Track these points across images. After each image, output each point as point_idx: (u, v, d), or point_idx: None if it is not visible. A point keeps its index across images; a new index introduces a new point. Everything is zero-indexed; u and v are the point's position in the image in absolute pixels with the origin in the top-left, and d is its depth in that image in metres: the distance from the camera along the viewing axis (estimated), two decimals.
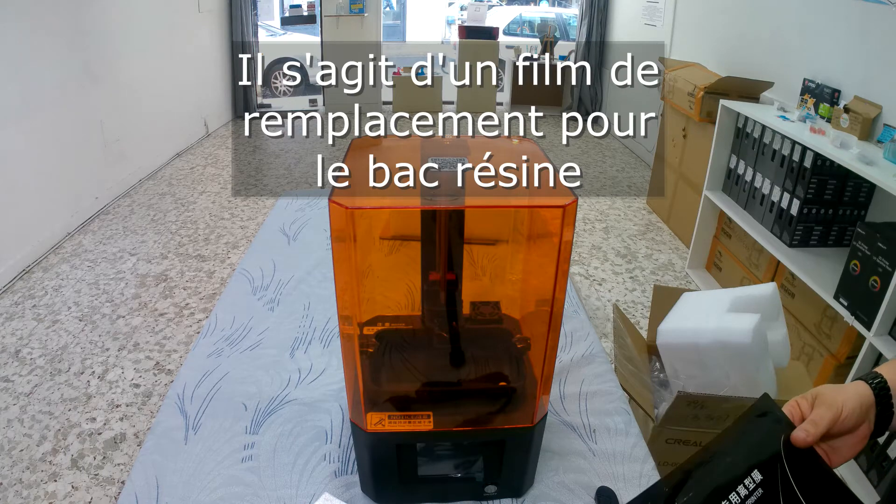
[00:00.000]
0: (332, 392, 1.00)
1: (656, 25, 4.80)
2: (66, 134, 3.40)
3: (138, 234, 3.42)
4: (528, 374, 0.78)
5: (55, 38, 3.27)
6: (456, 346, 0.80)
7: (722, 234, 2.97)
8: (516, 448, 0.77)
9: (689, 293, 1.56)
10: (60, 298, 2.72)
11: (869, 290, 1.77)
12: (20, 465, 1.81)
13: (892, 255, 1.70)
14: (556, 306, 0.68)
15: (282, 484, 0.82)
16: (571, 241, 0.64)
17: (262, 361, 1.08)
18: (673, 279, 3.13)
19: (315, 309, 1.25)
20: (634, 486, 0.87)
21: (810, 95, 2.56)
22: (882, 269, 1.73)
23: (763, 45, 3.19)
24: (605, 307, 2.81)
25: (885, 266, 1.71)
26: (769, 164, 2.47)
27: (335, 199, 0.60)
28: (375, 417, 0.72)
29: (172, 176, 4.47)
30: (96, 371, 2.24)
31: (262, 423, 0.93)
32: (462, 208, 0.70)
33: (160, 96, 4.61)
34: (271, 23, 9.42)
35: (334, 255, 0.65)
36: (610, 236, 3.62)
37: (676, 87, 3.48)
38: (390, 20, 12.29)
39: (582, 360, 1.12)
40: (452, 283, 0.78)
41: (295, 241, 1.56)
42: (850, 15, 2.42)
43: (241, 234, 3.49)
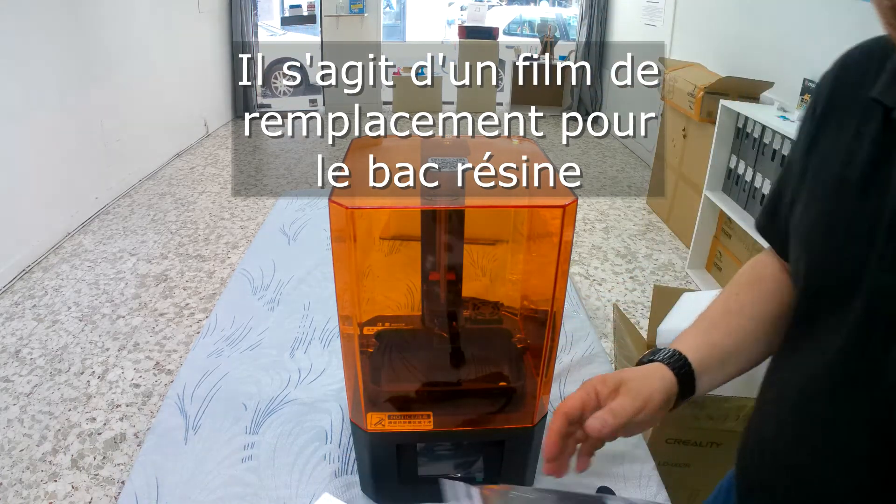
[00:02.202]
0: (332, 392, 1.00)
1: (656, 25, 4.80)
2: (66, 134, 3.40)
3: (138, 234, 3.42)
4: (528, 374, 0.78)
5: (55, 38, 3.27)
6: (456, 346, 0.80)
7: (722, 234, 2.97)
8: (516, 448, 0.77)
9: (689, 293, 1.55)
10: (60, 298, 2.72)
11: None
12: (20, 465, 1.81)
13: None
14: (556, 306, 0.68)
15: (282, 484, 0.82)
16: (571, 241, 0.64)
17: (262, 361, 1.08)
18: (673, 279, 3.13)
19: (315, 309, 1.25)
20: (634, 486, 0.87)
21: (810, 95, 2.56)
22: None
23: (763, 45, 3.19)
24: (605, 307, 2.81)
25: None
26: (769, 164, 2.47)
27: (335, 199, 0.60)
28: (375, 417, 0.72)
29: (172, 176, 4.47)
30: (96, 371, 2.24)
31: (262, 423, 0.93)
32: (462, 208, 0.70)
33: (160, 96, 4.61)
34: (271, 23, 9.42)
35: (334, 255, 0.65)
36: (610, 236, 3.62)
37: (676, 87, 3.48)
38: (390, 20, 12.29)
39: (582, 360, 1.12)
40: (452, 283, 0.78)
41: (295, 241, 1.56)
42: (850, 15, 2.42)
43: (241, 234, 3.49)
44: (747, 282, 0.74)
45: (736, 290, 0.73)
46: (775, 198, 0.70)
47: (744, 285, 0.74)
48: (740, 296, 0.72)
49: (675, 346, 0.67)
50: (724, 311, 0.71)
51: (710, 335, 0.68)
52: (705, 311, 0.72)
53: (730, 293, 0.73)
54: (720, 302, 0.73)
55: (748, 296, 0.72)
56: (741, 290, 0.73)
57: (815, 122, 0.63)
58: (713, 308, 0.72)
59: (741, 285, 0.74)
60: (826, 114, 0.61)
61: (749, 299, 0.71)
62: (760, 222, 0.74)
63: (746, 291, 0.73)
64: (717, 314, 0.71)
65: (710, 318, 0.71)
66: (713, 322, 0.70)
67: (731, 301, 0.72)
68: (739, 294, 0.73)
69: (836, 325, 0.54)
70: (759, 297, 0.71)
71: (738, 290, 0.73)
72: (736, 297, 0.73)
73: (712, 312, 0.72)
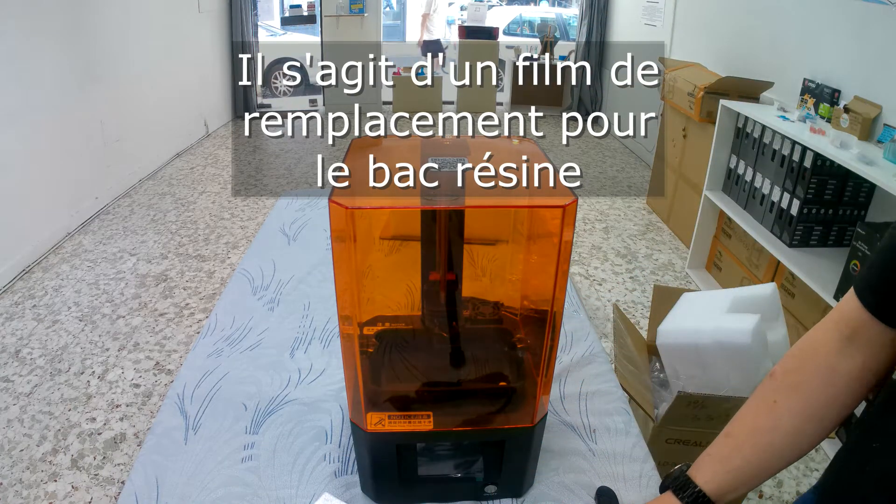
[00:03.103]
0: (332, 392, 1.00)
1: (656, 25, 4.80)
2: (67, 134, 3.40)
3: (138, 234, 3.42)
4: (528, 374, 0.78)
5: (55, 38, 3.27)
6: (456, 347, 0.80)
7: (722, 234, 2.97)
8: (516, 448, 0.77)
9: (689, 293, 1.55)
10: (60, 298, 2.72)
11: None
12: (20, 465, 1.81)
13: None
14: (556, 306, 0.68)
15: (282, 484, 0.82)
16: (571, 241, 0.64)
17: (262, 361, 1.08)
18: (673, 279, 3.13)
19: (315, 309, 1.25)
20: (634, 486, 0.87)
21: (810, 95, 2.56)
22: None
23: (763, 45, 3.19)
24: (605, 307, 2.81)
25: None
26: (769, 164, 2.47)
27: (335, 199, 0.60)
28: (375, 417, 0.72)
29: (172, 176, 4.47)
30: (96, 371, 2.24)
31: (262, 423, 0.93)
32: (462, 208, 0.70)
33: (160, 96, 4.61)
34: (271, 23, 9.42)
35: (334, 255, 0.65)
36: (610, 236, 3.62)
37: (676, 87, 3.48)
38: (390, 20, 12.29)
39: (582, 360, 1.12)
40: (452, 283, 0.78)
41: (295, 241, 1.56)
42: (850, 15, 2.42)
43: (241, 234, 3.49)
44: (790, 385, 0.64)
45: (773, 397, 0.65)
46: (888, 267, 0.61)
47: (784, 389, 0.64)
48: (778, 405, 0.64)
49: (697, 476, 0.65)
50: (753, 429, 0.65)
51: (732, 461, 0.64)
52: (732, 425, 0.66)
53: (764, 398, 0.66)
54: (750, 414, 0.66)
55: (787, 403, 0.64)
56: (780, 395, 0.64)
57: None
58: (741, 423, 0.66)
59: (780, 389, 0.65)
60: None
61: (788, 409, 0.64)
62: (872, 298, 0.62)
63: (786, 397, 0.64)
64: (745, 433, 0.65)
65: (736, 437, 0.65)
66: (737, 444, 0.65)
67: (763, 416, 0.65)
68: (778, 402, 0.64)
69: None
70: (804, 404, 0.63)
71: (775, 396, 0.65)
72: (771, 409, 0.64)
73: (739, 429, 0.66)
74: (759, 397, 0.67)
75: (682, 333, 1.38)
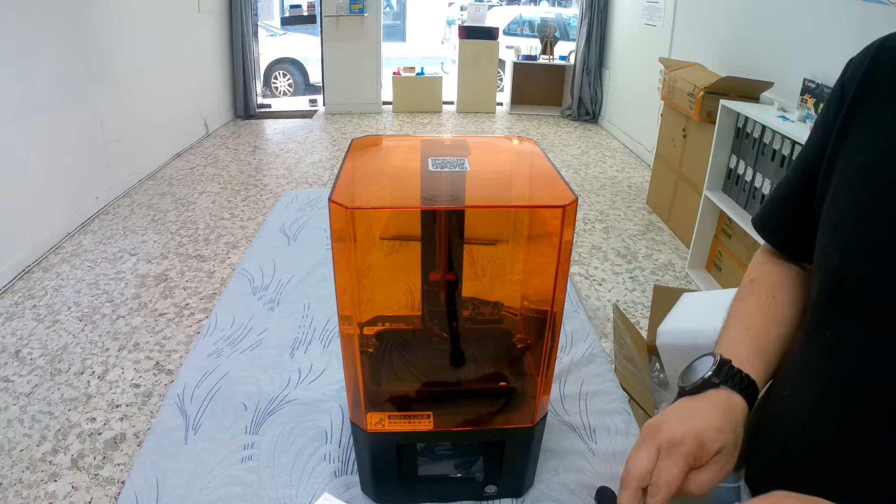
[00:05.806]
0: (332, 392, 1.00)
1: (656, 25, 4.80)
2: (66, 134, 3.40)
3: (138, 234, 3.42)
4: (528, 374, 0.78)
5: (55, 38, 3.27)
6: (456, 346, 0.80)
7: (722, 234, 2.97)
8: (516, 448, 0.77)
9: (689, 293, 1.55)
10: (60, 298, 2.72)
11: None
12: (20, 465, 1.81)
13: None
14: (556, 306, 0.68)
15: (282, 484, 0.82)
16: (571, 241, 0.64)
17: (262, 361, 1.08)
18: (673, 279, 3.13)
19: (315, 309, 1.25)
20: None
21: (810, 95, 2.56)
22: None
23: (763, 45, 3.19)
24: (605, 307, 2.81)
25: None
26: (769, 164, 2.47)
27: (335, 199, 0.60)
28: (375, 417, 0.72)
29: (172, 176, 4.47)
30: (96, 371, 2.24)
31: (262, 423, 0.93)
32: (462, 208, 0.70)
33: (160, 96, 4.62)
34: (271, 23, 9.43)
35: (334, 255, 0.65)
36: (610, 236, 3.62)
37: (676, 87, 3.48)
38: (390, 20, 12.29)
39: (582, 360, 1.12)
40: (452, 283, 0.78)
41: (295, 241, 1.56)
42: (850, 15, 2.42)
43: (241, 234, 3.49)
44: (773, 284, 0.70)
45: (769, 292, 0.69)
46: (784, 195, 0.69)
47: (772, 287, 0.69)
48: (776, 299, 0.68)
49: (734, 357, 0.63)
50: (774, 320, 0.67)
51: (766, 355, 0.65)
52: (748, 319, 0.68)
53: (758, 294, 0.70)
54: (759, 309, 0.68)
55: (782, 294, 0.68)
56: (773, 290, 0.69)
57: (845, 109, 0.61)
58: (758, 316, 0.68)
59: (771, 287, 0.70)
60: (859, 101, 0.59)
61: (785, 300, 0.68)
62: (768, 224, 0.72)
63: (779, 289, 0.69)
64: (764, 325, 0.67)
65: (758, 330, 0.67)
66: (766, 339, 0.66)
67: (771, 309, 0.68)
68: (776, 297, 0.68)
69: (863, 319, 0.53)
70: (794, 293, 0.68)
71: (771, 292, 0.69)
72: (775, 303, 0.68)
73: (759, 322, 0.67)
74: (755, 294, 0.70)
75: (682, 333, 1.38)
